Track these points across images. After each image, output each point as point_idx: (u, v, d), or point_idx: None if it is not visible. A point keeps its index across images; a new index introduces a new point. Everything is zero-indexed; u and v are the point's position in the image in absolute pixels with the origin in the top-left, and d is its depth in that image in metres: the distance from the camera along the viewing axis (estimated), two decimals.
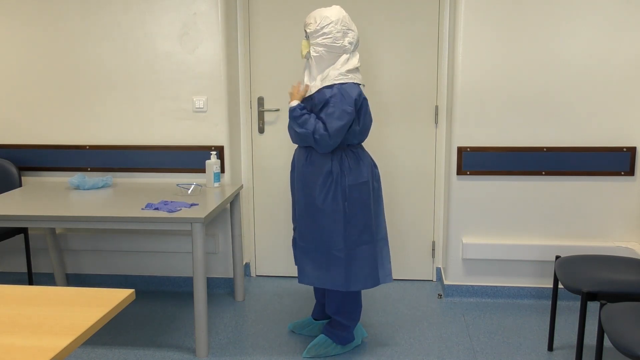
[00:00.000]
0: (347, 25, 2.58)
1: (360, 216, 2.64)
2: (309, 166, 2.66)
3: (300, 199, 2.72)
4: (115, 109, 3.51)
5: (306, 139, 2.59)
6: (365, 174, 2.66)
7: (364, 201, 2.65)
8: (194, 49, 3.40)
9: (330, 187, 2.61)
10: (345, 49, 2.57)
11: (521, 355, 2.80)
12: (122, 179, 3.57)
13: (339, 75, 2.55)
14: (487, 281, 3.47)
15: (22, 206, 2.95)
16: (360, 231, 2.65)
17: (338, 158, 2.62)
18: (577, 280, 2.46)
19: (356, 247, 2.65)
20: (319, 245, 2.66)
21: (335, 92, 2.53)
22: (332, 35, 2.54)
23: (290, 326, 3.08)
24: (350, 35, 2.58)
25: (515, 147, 3.29)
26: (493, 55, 3.23)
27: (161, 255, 3.67)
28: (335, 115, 2.50)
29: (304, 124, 2.58)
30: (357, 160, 2.65)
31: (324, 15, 2.56)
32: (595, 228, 3.35)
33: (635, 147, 3.24)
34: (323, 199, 2.61)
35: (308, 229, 2.68)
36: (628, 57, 3.17)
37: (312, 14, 2.60)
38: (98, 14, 3.43)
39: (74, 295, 1.63)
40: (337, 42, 2.55)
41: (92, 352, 2.88)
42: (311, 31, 2.58)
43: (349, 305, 2.76)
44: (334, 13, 2.56)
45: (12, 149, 3.61)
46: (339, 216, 2.61)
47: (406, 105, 3.58)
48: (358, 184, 2.63)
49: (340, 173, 2.61)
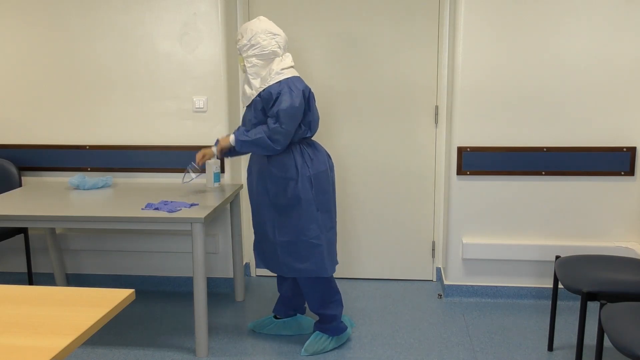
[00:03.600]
0: (272, 31, 2.73)
1: (324, 202, 2.79)
2: (273, 166, 2.76)
3: (268, 199, 2.79)
4: (115, 109, 3.51)
5: (261, 143, 2.68)
6: (323, 162, 2.80)
7: (326, 188, 2.81)
8: (194, 49, 3.40)
9: (297, 178, 2.72)
10: (276, 53, 2.74)
11: (521, 355, 2.80)
12: (122, 179, 3.56)
13: (277, 74, 2.70)
14: (487, 281, 3.47)
15: (22, 206, 2.95)
16: (327, 217, 2.81)
17: (298, 151, 2.75)
18: (577, 280, 2.46)
19: (327, 232, 2.81)
20: (298, 237, 2.76)
21: (283, 87, 2.67)
22: (260, 45, 2.70)
23: (250, 325, 3.11)
24: (277, 39, 2.74)
25: (515, 147, 3.29)
26: (493, 55, 3.23)
27: (161, 255, 3.66)
28: (286, 106, 2.63)
29: (253, 133, 2.71)
30: (314, 151, 2.80)
31: (248, 28, 2.73)
32: (595, 228, 3.34)
33: (635, 147, 3.24)
34: (293, 192, 2.72)
35: (284, 225, 2.77)
36: (628, 57, 3.16)
37: (240, 30, 2.78)
38: (98, 14, 3.43)
39: (74, 295, 1.63)
40: (265, 49, 2.70)
41: (92, 352, 2.87)
42: (241, 46, 2.75)
43: (328, 293, 2.85)
44: (257, 25, 2.73)
45: (12, 149, 3.61)
46: (311, 204, 2.74)
47: (406, 105, 3.58)
48: (320, 172, 2.77)
49: (304, 164, 2.74)
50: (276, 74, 2.70)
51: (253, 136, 2.70)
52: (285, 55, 2.78)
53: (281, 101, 2.64)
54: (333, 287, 2.87)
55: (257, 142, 2.69)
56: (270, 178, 2.77)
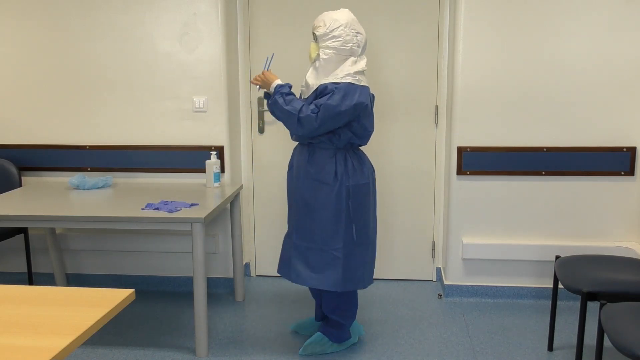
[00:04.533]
0: (356, 29, 2.59)
1: (360, 217, 2.66)
2: (312, 166, 2.66)
3: (300, 198, 2.72)
4: (115, 109, 3.51)
5: (288, 118, 2.56)
6: (367, 175, 2.68)
7: (365, 202, 2.67)
8: (194, 49, 3.40)
9: (334, 186, 2.62)
10: (354, 52, 2.59)
11: (521, 355, 2.80)
12: (122, 179, 3.56)
13: (347, 75, 2.55)
14: (487, 281, 3.47)
15: (22, 206, 2.95)
16: (359, 232, 2.67)
17: (342, 158, 2.63)
18: (577, 280, 2.46)
19: (355, 248, 2.67)
20: (317, 245, 2.67)
21: (340, 87, 2.51)
22: (342, 38, 2.55)
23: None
24: (359, 38, 2.59)
25: (515, 147, 3.29)
26: (493, 55, 3.23)
27: (161, 255, 3.66)
28: (333, 104, 2.49)
29: (290, 101, 2.57)
30: (360, 162, 2.68)
31: (333, 18, 2.57)
32: (595, 228, 3.34)
33: (635, 147, 3.24)
34: (326, 199, 2.62)
35: (307, 229, 2.69)
36: (628, 57, 3.16)
37: (321, 17, 2.60)
38: (98, 13, 3.43)
39: (74, 295, 1.63)
40: (346, 45, 2.55)
41: (92, 352, 2.87)
42: (320, 34, 2.58)
43: (345, 304, 2.78)
44: (343, 16, 2.57)
45: (12, 149, 3.61)
46: (341, 216, 2.63)
47: (406, 105, 3.59)
48: (360, 184, 2.65)
49: (345, 173, 2.62)
50: (347, 75, 2.54)
51: (288, 105, 2.55)
52: (361, 57, 2.62)
53: (332, 97, 2.49)
54: (352, 299, 2.79)
55: (286, 112, 2.55)
56: (306, 177, 2.67)
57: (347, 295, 2.77)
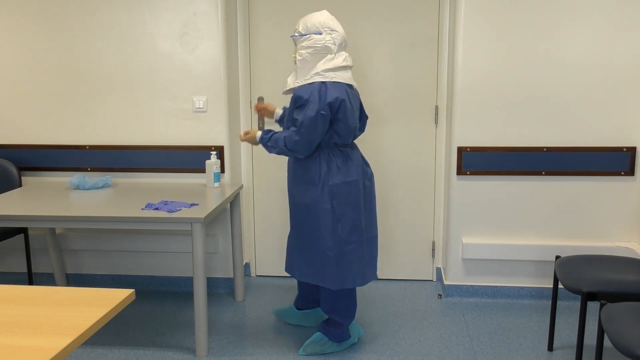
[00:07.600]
0: (331, 26, 2.63)
1: (349, 215, 2.68)
2: (299, 167, 2.72)
3: (293, 200, 2.80)
4: (115, 109, 3.51)
5: (283, 154, 2.70)
6: (353, 172, 2.69)
7: (353, 200, 2.69)
8: (194, 49, 3.40)
9: (318, 186, 2.66)
10: (329, 50, 2.62)
11: (521, 355, 2.80)
12: (122, 179, 3.56)
13: (315, 74, 2.60)
14: (487, 281, 3.47)
15: (22, 206, 2.95)
16: (350, 230, 2.69)
17: (326, 157, 2.67)
18: (577, 280, 2.46)
19: (346, 246, 2.69)
20: (311, 244, 2.72)
21: (313, 93, 2.56)
22: (313, 38, 2.61)
23: (273, 312, 3.19)
24: (334, 35, 2.63)
25: (515, 147, 3.29)
26: (493, 55, 3.23)
27: (161, 255, 3.67)
28: (309, 115, 2.54)
29: (275, 144, 2.68)
30: (345, 160, 2.69)
31: (307, 19, 2.66)
32: (595, 228, 3.34)
33: (635, 147, 3.24)
34: (312, 199, 2.67)
35: (301, 228, 2.75)
36: (628, 57, 3.17)
37: (299, 21, 2.69)
38: (98, 13, 3.43)
39: (74, 295, 1.63)
40: (318, 43, 2.61)
41: (92, 352, 2.87)
42: (296, 37, 2.68)
43: (343, 303, 2.80)
44: (317, 17, 2.65)
45: (12, 149, 3.61)
46: (328, 215, 2.66)
47: (406, 105, 3.58)
48: (346, 182, 2.66)
49: (328, 172, 2.65)
50: (316, 74, 2.59)
51: (275, 147, 2.68)
52: (339, 54, 2.64)
53: (307, 109, 2.55)
54: (349, 298, 2.81)
55: (279, 152, 2.69)
56: (295, 179, 2.75)
57: (345, 294, 2.78)
